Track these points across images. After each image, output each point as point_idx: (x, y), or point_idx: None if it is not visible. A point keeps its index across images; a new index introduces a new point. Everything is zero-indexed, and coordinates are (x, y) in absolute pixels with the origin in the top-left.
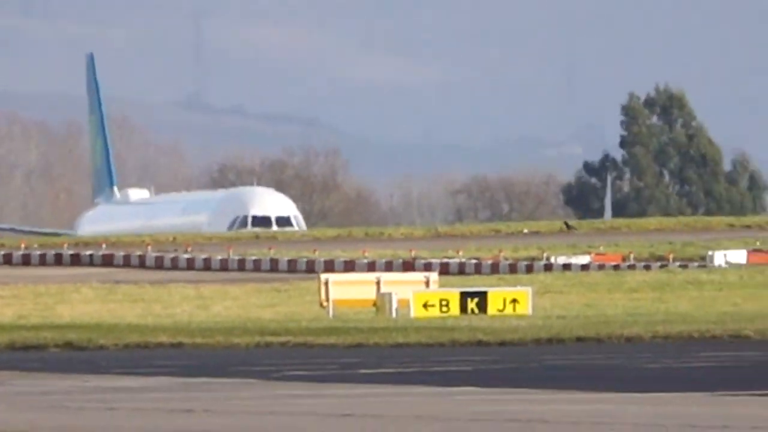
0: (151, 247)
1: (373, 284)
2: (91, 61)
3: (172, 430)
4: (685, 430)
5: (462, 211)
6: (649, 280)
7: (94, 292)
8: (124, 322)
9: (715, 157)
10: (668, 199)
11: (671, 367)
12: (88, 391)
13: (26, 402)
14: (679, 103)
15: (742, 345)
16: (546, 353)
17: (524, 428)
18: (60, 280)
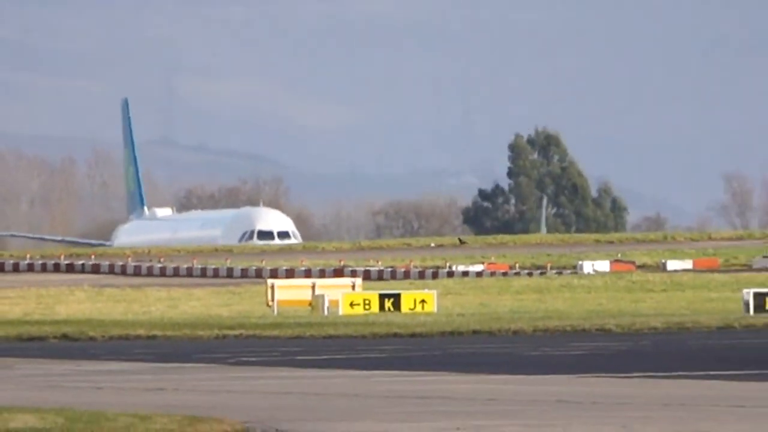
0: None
1: (309, 288)
2: (125, 105)
3: (148, 405)
4: (560, 405)
5: (381, 228)
6: (531, 284)
7: (85, 294)
8: (110, 318)
9: (583, 185)
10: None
11: (549, 354)
12: (80, 373)
13: (30, 383)
14: (555, 141)
15: (606, 337)
16: (449, 343)
17: (429, 403)
18: (58, 284)
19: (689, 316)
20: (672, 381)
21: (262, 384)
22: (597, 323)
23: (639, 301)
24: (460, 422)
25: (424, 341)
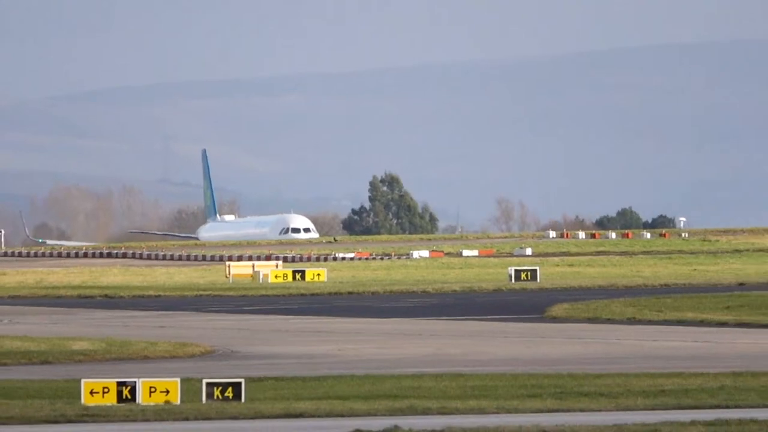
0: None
1: (251, 266)
2: (204, 155)
3: (156, 336)
4: (400, 335)
5: None
6: (382, 265)
7: (118, 270)
8: (132, 284)
9: (413, 206)
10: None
11: (393, 306)
12: (115, 318)
13: (85, 323)
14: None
15: (427, 295)
16: (336, 300)
17: (321, 334)
18: (102, 265)
19: (476, 283)
20: (467, 321)
21: (222, 324)
22: (421, 287)
23: (446, 274)
24: (340, 345)
25: (320, 298)
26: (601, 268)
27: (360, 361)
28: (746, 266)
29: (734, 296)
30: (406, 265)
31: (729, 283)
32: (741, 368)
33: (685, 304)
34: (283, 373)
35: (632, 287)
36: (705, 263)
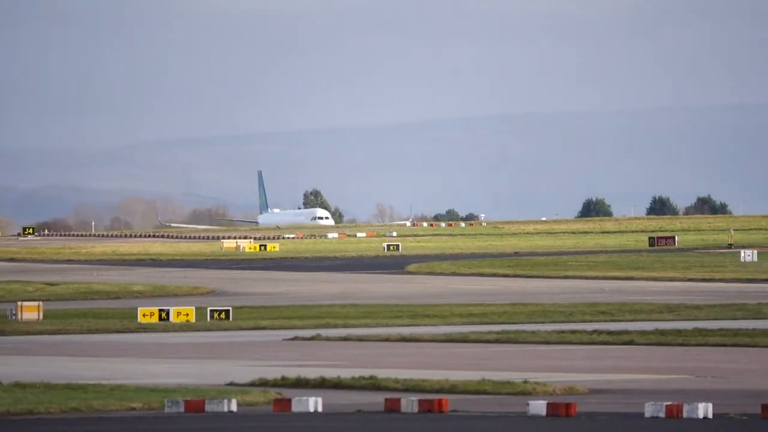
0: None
1: (235, 242)
2: (260, 175)
3: (177, 284)
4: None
5: None
6: (311, 241)
7: (159, 244)
8: (167, 252)
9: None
10: None
11: (318, 265)
12: (156, 271)
13: (139, 275)
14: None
15: (336, 259)
16: (284, 261)
17: (277, 282)
18: (149, 242)
19: (364, 252)
20: (359, 274)
21: (218, 275)
22: (332, 254)
23: (347, 246)
24: (287, 287)
25: (275, 261)
26: (436, 243)
27: (299, 296)
28: (519, 242)
29: (512, 259)
30: (324, 242)
31: (509, 251)
32: (515, 300)
33: (484, 264)
34: (253, 304)
35: (454, 254)
36: (495, 241)
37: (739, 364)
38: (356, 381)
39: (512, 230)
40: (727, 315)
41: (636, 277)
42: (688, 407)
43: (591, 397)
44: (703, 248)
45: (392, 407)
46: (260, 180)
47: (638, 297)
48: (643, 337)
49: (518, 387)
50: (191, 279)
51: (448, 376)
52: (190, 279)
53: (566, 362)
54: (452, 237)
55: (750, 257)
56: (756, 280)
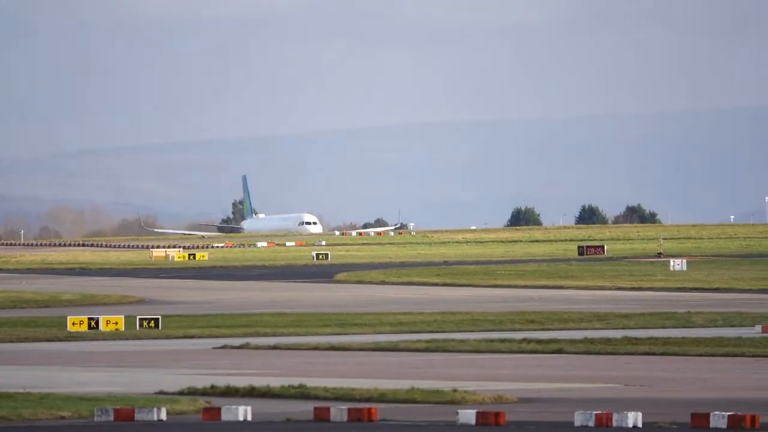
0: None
1: (164, 251)
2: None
3: (110, 291)
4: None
5: None
6: (240, 250)
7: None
8: (96, 261)
9: None
10: None
11: (248, 273)
12: (85, 281)
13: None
14: None
15: (266, 267)
16: (213, 270)
17: (206, 290)
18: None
19: (293, 260)
20: (288, 283)
21: (148, 283)
22: (262, 262)
23: (277, 255)
24: (216, 296)
25: (204, 269)
26: (365, 252)
27: (228, 305)
28: (449, 251)
29: (442, 268)
30: (253, 251)
31: (438, 260)
32: (445, 309)
33: (413, 272)
34: (183, 312)
35: (383, 263)
36: (425, 250)
37: (668, 373)
38: (285, 390)
39: (441, 239)
40: (657, 324)
41: (565, 285)
42: (617, 416)
43: (520, 406)
44: (632, 257)
45: (321, 416)
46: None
47: (567, 306)
48: (573, 345)
49: (448, 396)
50: (121, 288)
51: (377, 385)
52: (119, 288)
53: (495, 371)
54: (381, 246)
55: (679, 266)
56: (685, 289)
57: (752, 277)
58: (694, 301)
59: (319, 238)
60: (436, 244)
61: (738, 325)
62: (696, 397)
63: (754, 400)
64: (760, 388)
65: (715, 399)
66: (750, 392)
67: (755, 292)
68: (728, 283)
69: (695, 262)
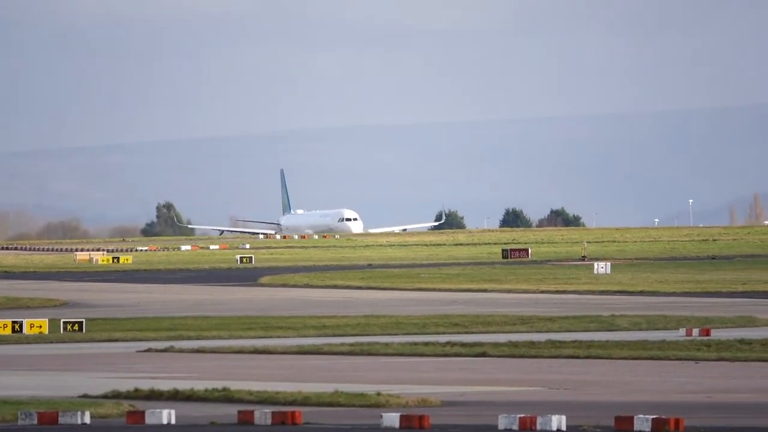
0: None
1: (88, 255)
2: (282, 174)
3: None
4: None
5: None
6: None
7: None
8: (20, 265)
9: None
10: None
11: (172, 277)
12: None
13: None
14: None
15: (189, 270)
16: (137, 273)
17: (129, 293)
18: None
19: (217, 264)
20: (213, 286)
21: (72, 286)
22: (186, 266)
23: (200, 258)
24: (140, 298)
25: (128, 273)
26: (289, 255)
27: (152, 309)
28: (373, 254)
29: (366, 271)
30: (178, 254)
31: (362, 263)
32: (369, 312)
33: (337, 276)
34: (107, 316)
35: (307, 266)
36: (349, 253)
37: (592, 376)
38: (209, 393)
39: (366, 242)
40: (581, 327)
41: (489, 289)
42: (541, 419)
43: (444, 410)
44: (556, 260)
45: (245, 419)
46: (282, 179)
47: (491, 309)
48: (497, 349)
49: (372, 399)
50: (45, 291)
51: (301, 388)
52: (43, 291)
53: (420, 374)
54: (305, 249)
55: (603, 269)
56: (609, 292)
57: (676, 280)
58: (618, 304)
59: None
60: (360, 248)
61: (662, 328)
62: (620, 400)
63: (678, 404)
64: (684, 392)
65: (639, 402)
66: (674, 395)
67: (679, 295)
68: (652, 286)
69: (619, 266)
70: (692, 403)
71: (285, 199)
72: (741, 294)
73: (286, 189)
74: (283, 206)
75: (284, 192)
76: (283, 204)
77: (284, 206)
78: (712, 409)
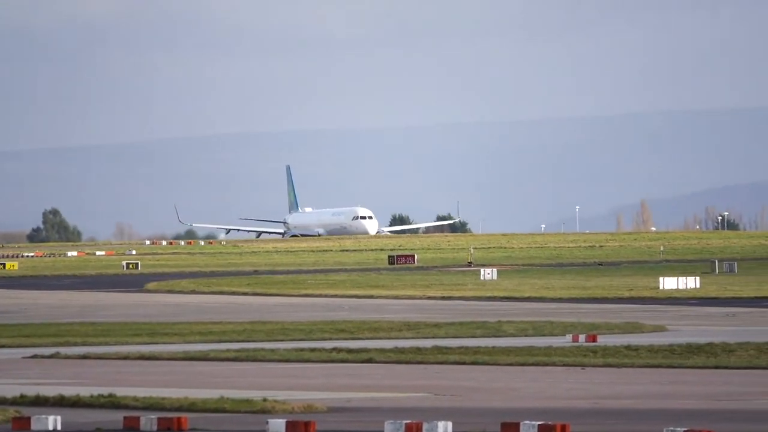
0: None
1: None
2: (288, 170)
3: None
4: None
5: None
6: (50, 259)
7: None
8: None
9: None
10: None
11: (58, 283)
12: None
13: None
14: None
15: (75, 276)
16: (23, 279)
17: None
18: None
19: (103, 270)
20: (98, 293)
21: None
22: (71, 272)
23: (86, 264)
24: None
25: (16, 279)
26: (176, 261)
27: (37, 314)
28: (259, 260)
29: (252, 277)
30: (64, 260)
31: (248, 269)
32: (255, 318)
33: (224, 282)
34: None
35: (194, 272)
36: (235, 259)
37: (478, 382)
38: (95, 399)
39: (252, 248)
40: (467, 333)
41: (375, 295)
42: (427, 426)
43: (330, 416)
44: (442, 266)
45: (131, 425)
46: (289, 175)
47: (378, 315)
48: (383, 354)
49: (258, 405)
50: None
51: (187, 395)
52: None
53: (306, 380)
54: (192, 255)
55: (490, 275)
56: (495, 298)
57: (562, 286)
58: (504, 311)
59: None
60: (246, 254)
61: (548, 334)
62: (506, 406)
63: (564, 410)
64: (571, 398)
65: (526, 408)
66: (560, 401)
67: (565, 301)
68: (539, 292)
69: (506, 272)
70: (578, 409)
71: (292, 197)
72: (627, 300)
73: (293, 186)
74: (289, 204)
75: (291, 189)
76: (290, 202)
77: (291, 204)
78: (599, 415)
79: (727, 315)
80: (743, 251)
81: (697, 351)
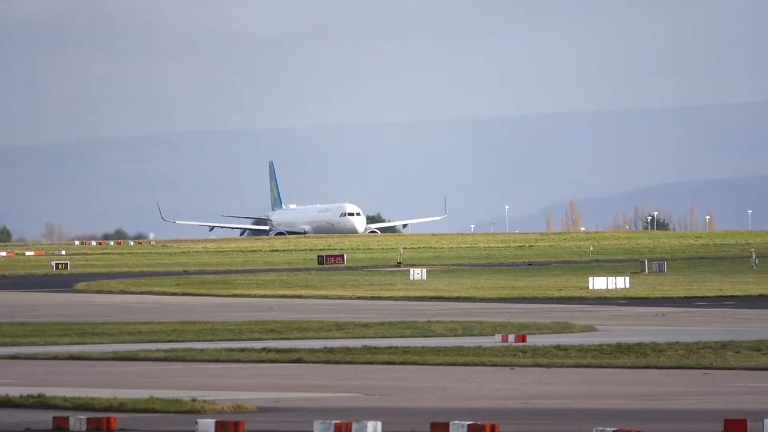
0: None
1: None
2: (271, 166)
3: None
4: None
5: None
6: None
7: None
8: None
9: None
10: None
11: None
12: None
13: None
14: None
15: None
16: None
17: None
18: None
19: (33, 270)
20: (28, 293)
21: None
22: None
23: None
24: None
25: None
26: (105, 261)
27: None
28: (189, 260)
29: (181, 277)
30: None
31: (178, 269)
32: (184, 318)
33: (153, 282)
34: None
35: (123, 272)
36: (164, 259)
37: (408, 382)
38: (24, 399)
39: (181, 248)
40: (396, 333)
41: (305, 295)
42: (357, 425)
43: (260, 416)
44: (372, 266)
45: (60, 425)
46: (272, 171)
47: (307, 315)
48: (312, 355)
49: (187, 405)
50: None
51: (117, 395)
52: None
53: (235, 380)
54: (121, 255)
55: (419, 275)
56: (425, 298)
57: (492, 286)
58: (434, 311)
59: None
60: (176, 254)
61: (478, 334)
62: (436, 406)
63: (493, 410)
64: (500, 398)
65: (455, 408)
66: (490, 401)
67: (495, 301)
68: (468, 292)
69: (435, 272)
70: (508, 409)
71: (275, 192)
72: (557, 300)
73: (277, 182)
74: (272, 200)
75: (274, 185)
76: (273, 198)
77: (274, 200)
78: (528, 415)
79: (657, 315)
80: (673, 251)
81: (627, 351)
